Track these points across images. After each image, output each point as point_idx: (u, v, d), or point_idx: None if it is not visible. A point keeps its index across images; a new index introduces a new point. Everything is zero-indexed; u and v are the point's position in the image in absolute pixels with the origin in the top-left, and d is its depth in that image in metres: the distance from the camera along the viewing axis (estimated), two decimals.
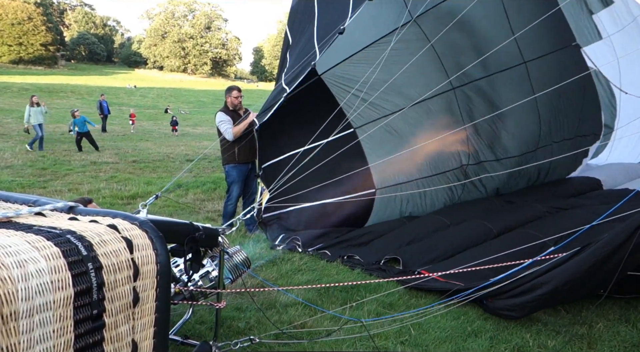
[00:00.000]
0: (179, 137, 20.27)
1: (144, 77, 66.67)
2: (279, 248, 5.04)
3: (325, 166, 4.72)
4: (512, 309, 3.38)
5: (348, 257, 4.75)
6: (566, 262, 3.16)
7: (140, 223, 1.77)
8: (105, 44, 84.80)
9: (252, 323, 3.36)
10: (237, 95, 5.77)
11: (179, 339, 2.86)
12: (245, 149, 5.51)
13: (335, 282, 4.02)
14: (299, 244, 5.06)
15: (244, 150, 5.52)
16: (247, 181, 5.79)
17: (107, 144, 15.75)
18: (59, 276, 1.41)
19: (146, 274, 1.70)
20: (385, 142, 5.73)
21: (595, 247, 3.06)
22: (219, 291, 2.69)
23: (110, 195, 7.61)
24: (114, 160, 11.74)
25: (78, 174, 9.57)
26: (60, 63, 71.07)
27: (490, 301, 3.48)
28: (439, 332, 3.28)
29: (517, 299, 3.34)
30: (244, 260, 3.04)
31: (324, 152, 4.84)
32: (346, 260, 4.71)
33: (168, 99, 42.51)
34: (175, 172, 9.66)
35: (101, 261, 1.54)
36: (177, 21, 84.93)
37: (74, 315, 1.45)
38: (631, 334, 3.33)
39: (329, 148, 4.91)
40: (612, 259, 3.03)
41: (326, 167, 4.73)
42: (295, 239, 5.15)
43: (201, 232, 2.42)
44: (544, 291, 3.21)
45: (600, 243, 3.05)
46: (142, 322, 1.71)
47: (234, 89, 5.86)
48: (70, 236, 1.52)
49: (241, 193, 5.80)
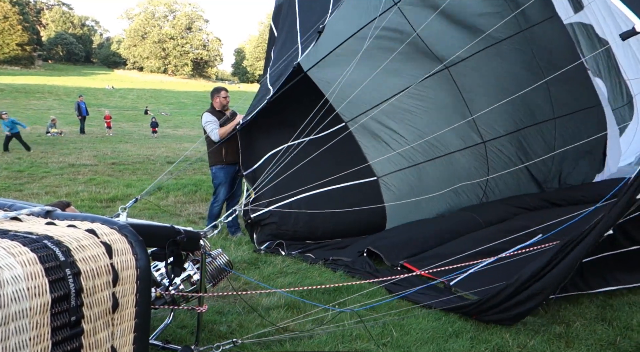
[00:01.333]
0: (159, 138, 20.05)
1: (123, 78, 65.84)
2: (262, 251, 5.02)
3: (320, 162, 4.75)
4: (503, 319, 3.41)
5: (333, 260, 4.76)
6: (552, 268, 3.16)
7: (119, 227, 1.75)
8: (83, 44, 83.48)
9: (233, 327, 3.33)
10: (225, 95, 5.80)
11: (160, 344, 2.83)
12: (232, 149, 5.46)
13: (319, 284, 4.02)
14: (282, 249, 5.04)
15: (231, 151, 5.47)
16: (232, 182, 5.74)
17: (86, 145, 15.49)
18: (36, 283, 1.38)
19: (126, 279, 1.68)
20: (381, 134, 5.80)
21: (579, 248, 3.07)
22: (200, 295, 2.67)
23: (89, 198, 7.49)
24: (92, 163, 11.56)
25: (55, 177, 9.40)
26: (37, 63, 69.69)
27: (474, 317, 3.50)
28: (420, 334, 3.30)
29: (505, 313, 3.35)
30: (226, 263, 3.03)
31: (315, 148, 4.80)
32: (329, 262, 4.72)
33: (148, 100, 42.02)
34: (156, 174, 9.55)
35: (79, 266, 1.52)
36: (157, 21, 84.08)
37: (52, 322, 1.43)
38: (607, 332, 3.40)
39: (321, 144, 4.88)
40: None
41: (321, 163, 4.77)
42: (280, 243, 5.13)
43: (182, 236, 2.40)
44: (537, 302, 3.24)
45: (583, 243, 3.05)
46: (121, 328, 1.69)
47: (222, 90, 5.87)
48: (47, 242, 1.50)
49: (228, 195, 5.76)
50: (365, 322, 3.34)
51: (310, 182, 5.01)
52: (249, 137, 5.31)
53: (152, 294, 2.50)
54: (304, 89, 5.24)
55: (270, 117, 5.17)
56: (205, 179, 9.45)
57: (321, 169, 5.02)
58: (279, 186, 4.88)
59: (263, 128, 5.28)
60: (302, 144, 4.79)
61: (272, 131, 5.31)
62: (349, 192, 5.38)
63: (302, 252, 4.99)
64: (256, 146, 5.37)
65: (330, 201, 5.26)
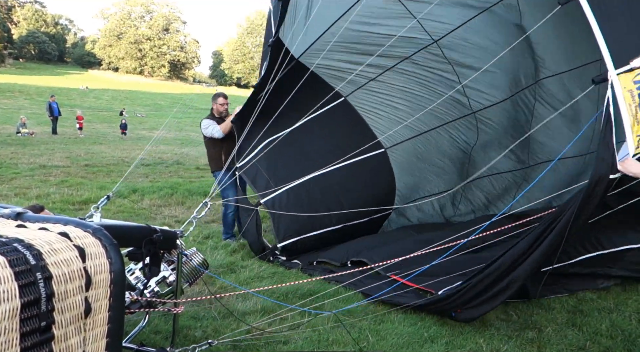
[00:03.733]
0: (135, 140, 19.74)
1: (98, 78, 64.66)
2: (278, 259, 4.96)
3: (327, 137, 5.06)
4: (485, 310, 3.44)
5: (317, 263, 4.75)
6: (530, 254, 3.18)
7: (93, 230, 1.71)
8: (56, 43, 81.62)
9: (208, 332, 3.29)
10: (222, 102, 5.66)
11: (135, 347, 2.77)
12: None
13: (295, 289, 4.01)
14: (277, 256, 4.98)
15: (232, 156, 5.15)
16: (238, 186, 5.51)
17: (58, 146, 15.14)
18: (5, 287, 1.34)
19: (99, 283, 1.64)
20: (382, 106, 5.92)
21: (554, 233, 3.09)
22: (176, 301, 2.62)
23: (61, 200, 7.31)
24: (65, 164, 11.29)
25: (26, 178, 9.14)
26: (8, 62, 67.87)
27: (459, 311, 3.51)
28: (396, 339, 3.32)
29: (487, 305, 3.38)
30: (201, 262, 2.99)
31: (318, 128, 4.97)
32: (309, 267, 4.72)
33: (123, 101, 41.36)
34: (130, 177, 9.39)
35: (51, 270, 1.48)
36: (133, 22, 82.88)
37: (21, 327, 1.38)
38: (577, 337, 3.48)
39: (324, 121, 5.07)
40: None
41: (327, 138, 5.07)
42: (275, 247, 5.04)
43: (159, 234, 2.37)
44: (514, 289, 3.28)
45: (558, 228, 3.07)
46: (94, 334, 1.65)
47: (220, 96, 5.74)
48: (17, 245, 1.46)
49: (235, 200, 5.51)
50: (342, 327, 3.34)
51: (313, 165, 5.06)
52: (245, 126, 5.04)
53: (127, 298, 2.45)
54: (295, 75, 5.14)
55: (266, 105, 4.95)
56: (181, 182, 9.34)
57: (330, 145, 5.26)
58: (287, 168, 4.98)
59: (260, 116, 5.01)
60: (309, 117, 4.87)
61: (269, 117, 5.07)
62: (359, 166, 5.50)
63: (290, 260, 4.96)
64: (254, 134, 5.15)
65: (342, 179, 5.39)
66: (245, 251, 5.20)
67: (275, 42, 4.94)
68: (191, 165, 12.12)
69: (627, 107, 2.64)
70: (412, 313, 3.73)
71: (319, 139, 5.55)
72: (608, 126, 2.70)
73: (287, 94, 4.83)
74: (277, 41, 4.96)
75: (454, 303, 3.45)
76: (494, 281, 3.28)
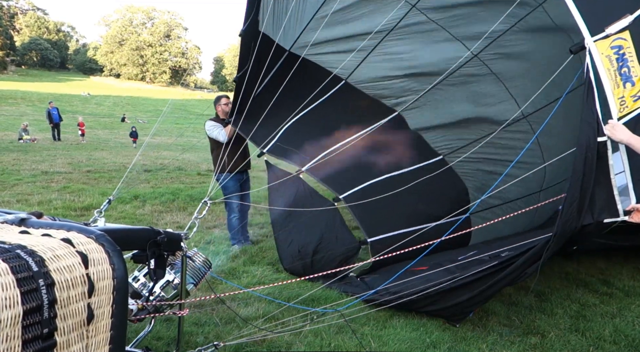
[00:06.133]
0: (137, 147, 19.77)
1: (99, 85, 64.92)
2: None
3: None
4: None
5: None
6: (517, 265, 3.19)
7: (96, 237, 1.71)
8: (58, 50, 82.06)
9: (211, 338, 3.28)
10: (226, 102, 5.66)
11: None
12: (237, 158, 5.03)
13: (297, 295, 4.01)
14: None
15: (236, 159, 5.02)
16: (242, 190, 5.51)
17: (60, 153, 15.16)
18: (7, 294, 1.34)
19: (102, 290, 1.64)
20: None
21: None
22: (182, 302, 2.62)
23: (63, 206, 7.32)
24: (67, 170, 11.30)
25: (28, 185, 9.16)
26: (10, 68, 68.18)
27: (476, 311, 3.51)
28: (398, 344, 3.31)
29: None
30: (204, 262, 2.98)
31: (322, 114, 4.87)
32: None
33: (125, 107, 41.51)
34: (132, 183, 9.39)
35: (53, 277, 1.47)
36: (135, 29, 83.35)
37: (23, 334, 1.38)
38: (581, 342, 3.46)
39: (329, 109, 4.99)
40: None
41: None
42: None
43: (163, 236, 2.36)
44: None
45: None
46: (96, 340, 1.64)
47: (223, 97, 5.74)
48: (20, 251, 1.45)
49: (239, 204, 5.47)
50: (344, 334, 3.33)
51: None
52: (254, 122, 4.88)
53: (134, 306, 2.44)
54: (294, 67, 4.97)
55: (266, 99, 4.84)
56: (183, 187, 9.34)
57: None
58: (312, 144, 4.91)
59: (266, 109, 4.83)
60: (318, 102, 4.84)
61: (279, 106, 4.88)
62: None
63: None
64: (269, 124, 4.93)
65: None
66: (246, 256, 5.20)
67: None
68: (192, 171, 12.13)
69: (606, 72, 2.74)
70: (415, 319, 3.72)
71: (336, 114, 5.31)
72: (590, 91, 2.76)
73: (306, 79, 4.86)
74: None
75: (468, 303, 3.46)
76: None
